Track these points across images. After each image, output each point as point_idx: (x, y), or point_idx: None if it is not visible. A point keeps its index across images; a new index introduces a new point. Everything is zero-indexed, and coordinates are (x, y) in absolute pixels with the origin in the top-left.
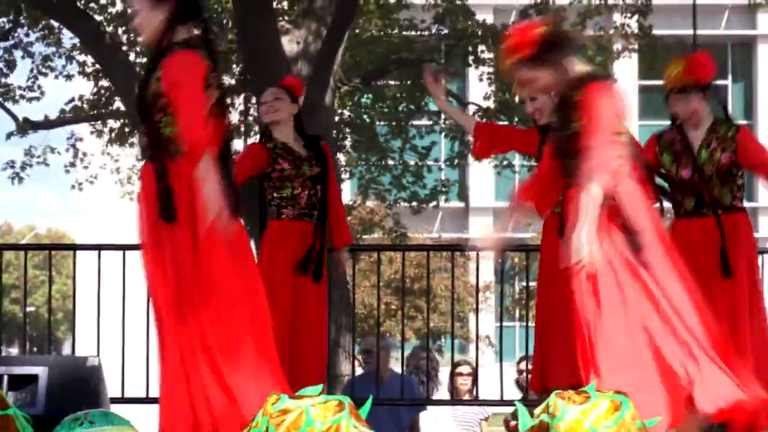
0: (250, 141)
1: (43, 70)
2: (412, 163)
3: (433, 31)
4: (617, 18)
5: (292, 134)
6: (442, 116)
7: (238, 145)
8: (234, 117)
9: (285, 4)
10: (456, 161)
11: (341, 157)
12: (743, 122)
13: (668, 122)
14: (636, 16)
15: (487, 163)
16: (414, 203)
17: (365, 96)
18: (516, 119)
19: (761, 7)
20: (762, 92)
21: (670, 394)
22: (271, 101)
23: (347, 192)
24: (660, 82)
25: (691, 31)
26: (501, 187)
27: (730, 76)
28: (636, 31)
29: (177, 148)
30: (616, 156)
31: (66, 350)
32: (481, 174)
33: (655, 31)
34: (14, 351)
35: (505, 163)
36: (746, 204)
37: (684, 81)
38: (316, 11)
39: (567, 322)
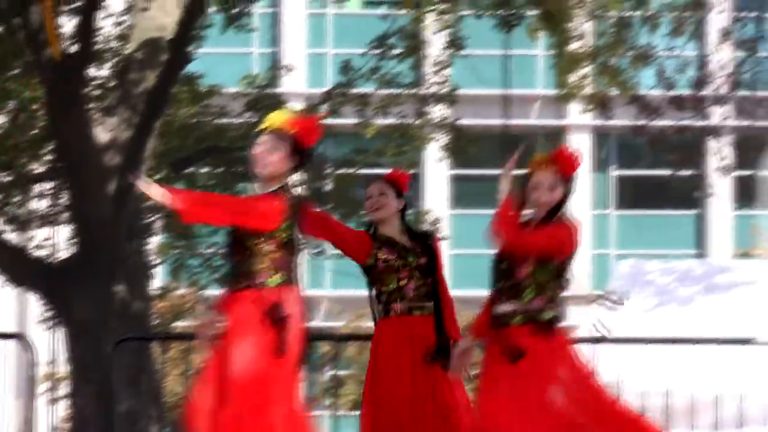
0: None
1: None
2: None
3: (246, 118)
4: (425, 108)
5: (398, 229)
6: None
7: (44, 232)
8: (43, 204)
9: (97, 91)
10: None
11: (153, 243)
12: None
13: (480, 210)
14: (442, 106)
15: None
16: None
17: (176, 183)
18: (330, 206)
19: (571, 98)
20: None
21: None
22: (376, 196)
23: (159, 279)
24: (471, 171)
25: (495, 121)
26: (310, 276)
27: None
28: (443, 120)
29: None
30: None
31: None
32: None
33: (464, 121)
34: None
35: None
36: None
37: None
38: (129, 100)
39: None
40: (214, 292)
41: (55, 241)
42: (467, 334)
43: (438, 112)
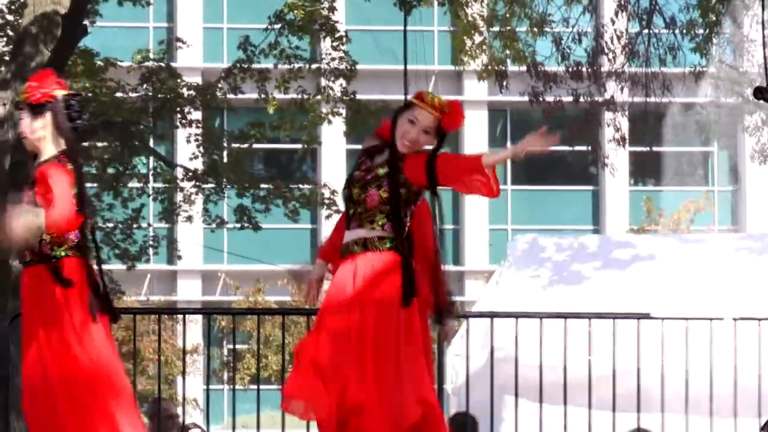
0: None
1: None
2: (122, 221)
3: (140, 92)
4: (322, 81)
5: None
6: (151, 179)
7: None
8: None
9: None
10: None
11: None
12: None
13: None
14: (340, 80)
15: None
16: (126, 261)
17: None
18: (225, 181)
19: (466, 74)
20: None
21: None
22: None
23: None
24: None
25: (399, 96)
26: (209, 251)
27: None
28: (339, 94)
29: None
30: None
31: None
32: (192, 235)
33: (362, 96)
34: None
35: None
36: (453, 267)
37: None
38: (24, 73)
39: None
40: (115, 267)
41: None
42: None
43: (338, 87)
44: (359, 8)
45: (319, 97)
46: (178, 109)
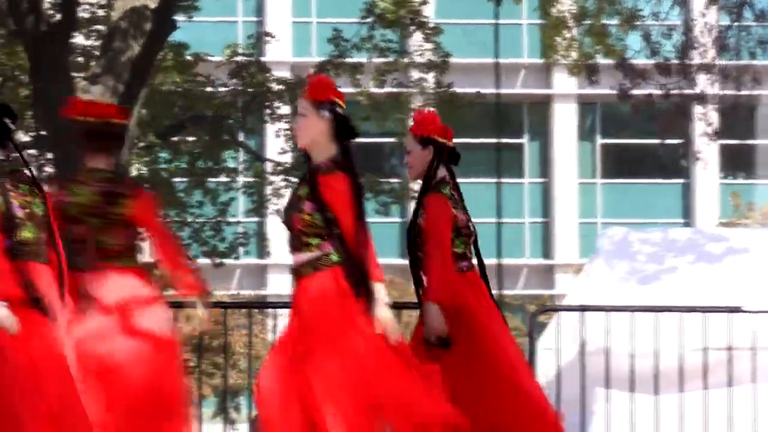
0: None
1: None
2: (211, 217)
3: (230, 87)
4: (415, 74)
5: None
6: (241, 173)
7: None
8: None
9: (82, 59)
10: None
11: None
12: (539, 180)
13: (465, 179)
14: (433, 73)
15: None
16: (214, 258)
17: (162, 152)
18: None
19: (556, 67)
20: (557, 151)
21: None
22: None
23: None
24: (457, 140)
25: (486, 90)
26: None
27: (526, 135)
28: (433, 87)
29: None
30: None
31: None
32: (282, 230)
33: (452, 89)
34: None
35: None
36: (542, 261)
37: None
38: (114, 68)
39: None
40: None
41: None
42: None
43: (431, 79)
44: (448, 1)
45: (414, 89)
46: (267, 103)
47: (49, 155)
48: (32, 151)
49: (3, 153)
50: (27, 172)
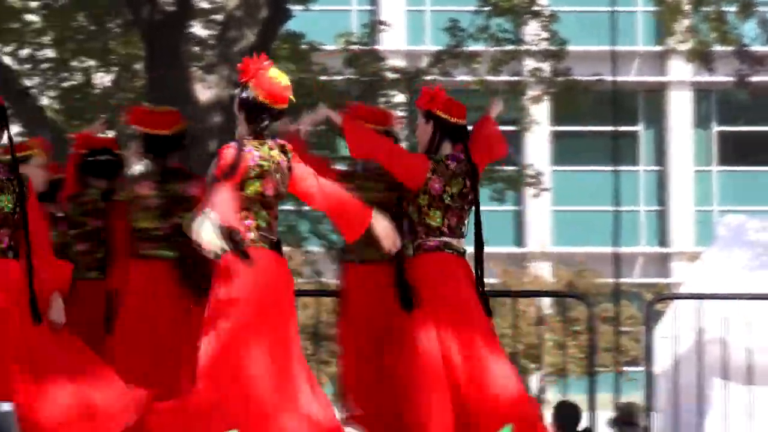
0: None
1: None
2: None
3: (344, 75)
4: (531, 63)
5: None
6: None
7: None
8: None
9: (197, 49)
10: None
11: None
12: (654, 168)
13: (581, 167)
14: (549, 61)
15: None
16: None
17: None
18: None
19: (672, 54)
20: (673, 138)
21: None
22: None
23: None
24: (572, 128)
25: (601, 77)
26: None
27: (641, 123)
28: (549, 75)
29: None
30: None
31: None
32: None
33: (568, 77)
34: None
35: None
36: (659, 249)
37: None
38: (228, 57)
39: None
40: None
41: None
42: None
43: (547, 68)
44: None
45: (530, 78)
46: (382, 92)
47: None
48: None
49: None
50: (6, 166)
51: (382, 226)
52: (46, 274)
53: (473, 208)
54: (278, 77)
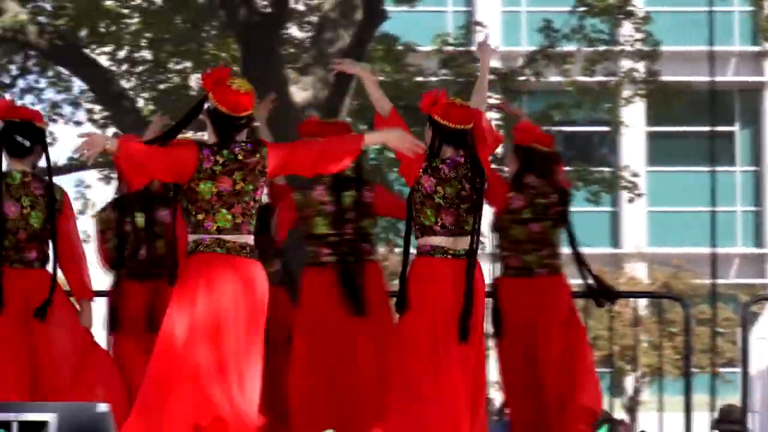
0: None
1: (53, 117)
2: None
3: (440, 77)
4: (625, 63)
5: None
6: None
7: None
8: None
9: (293, 50)
10: None
11: None
12: (751, 168)
13: (677, 168)
14: (644, 62)
15: None
16: None
17: None
18: None
19: None
20: None
21: None
22: None
23: None
24: (668, 128)
25: (697, 78)
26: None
27: (737, 123)
28: (643, 76)
29: None
30: None
31: None
32: None
33: (664, 77)
34: None
35: None
36: (755, 250)
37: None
38: (324, 59)
39: None
40: None
41: None
42: None
43: (642, 68)
44: None
45: (624, 78)
46: None
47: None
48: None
49: (23, 164)
50: (43, 183)
51: (392, 134)
52: (75, 284)
53: (480, 209)
54: (238, 85)
